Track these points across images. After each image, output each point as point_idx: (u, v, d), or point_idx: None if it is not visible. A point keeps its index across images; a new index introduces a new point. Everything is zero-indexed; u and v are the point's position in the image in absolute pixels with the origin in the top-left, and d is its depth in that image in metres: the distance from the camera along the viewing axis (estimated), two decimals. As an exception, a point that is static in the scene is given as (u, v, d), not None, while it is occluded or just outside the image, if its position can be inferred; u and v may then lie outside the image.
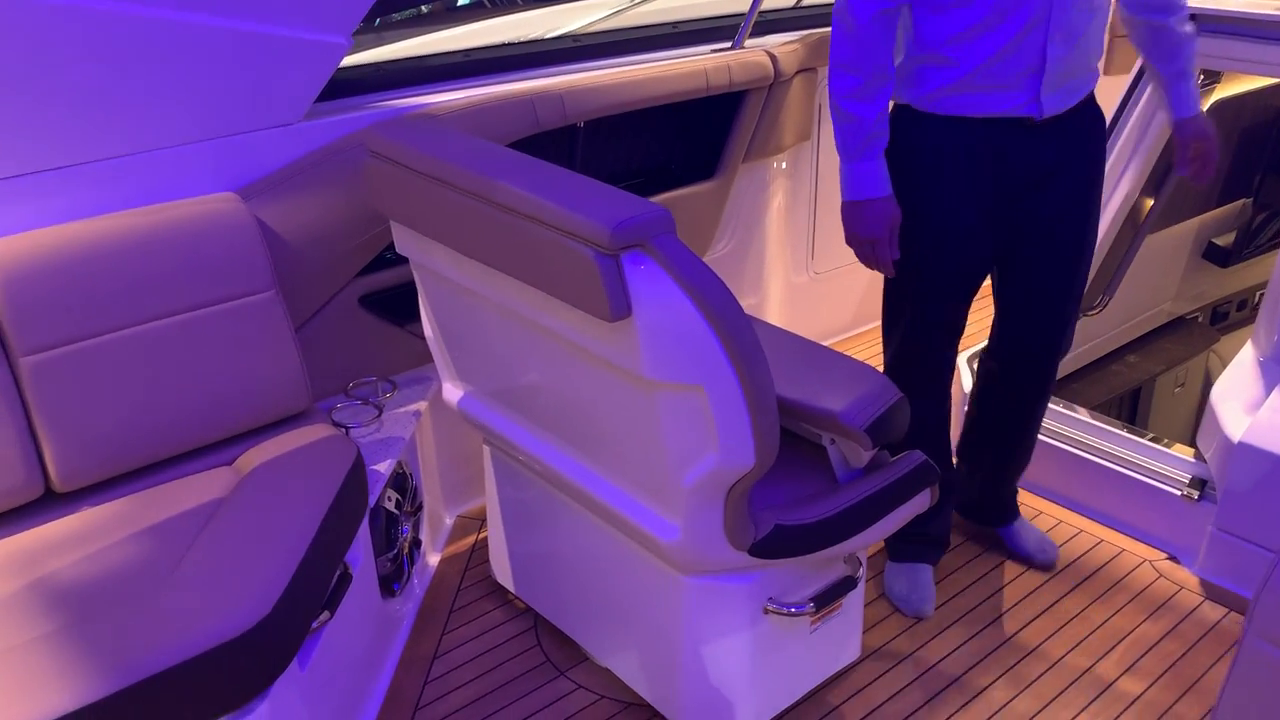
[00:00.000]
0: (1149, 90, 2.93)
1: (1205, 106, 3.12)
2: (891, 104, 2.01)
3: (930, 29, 1.89)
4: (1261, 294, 3.96)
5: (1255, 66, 2.93)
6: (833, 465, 1.84)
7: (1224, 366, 3.85)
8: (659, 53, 2.77)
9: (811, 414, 1.76)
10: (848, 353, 3.49)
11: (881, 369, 2.13)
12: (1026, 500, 2.67)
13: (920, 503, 1.87)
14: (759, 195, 3.08)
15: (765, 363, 1.55)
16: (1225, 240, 3.66)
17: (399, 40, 2.62)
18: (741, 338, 1.51)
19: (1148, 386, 3.54)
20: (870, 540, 1.84)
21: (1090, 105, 2.05)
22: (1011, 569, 2.42)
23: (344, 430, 2.14)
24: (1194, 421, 3.81)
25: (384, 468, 2.08)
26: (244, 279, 1.93)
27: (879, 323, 3.67)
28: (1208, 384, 3.79)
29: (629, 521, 1.77)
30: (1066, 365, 3.26)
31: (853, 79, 1.87)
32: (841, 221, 2.00)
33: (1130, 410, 3.55)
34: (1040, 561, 2.45)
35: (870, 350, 3.49)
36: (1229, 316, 3.89)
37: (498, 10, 3.29)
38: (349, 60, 2.35)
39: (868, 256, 2.00)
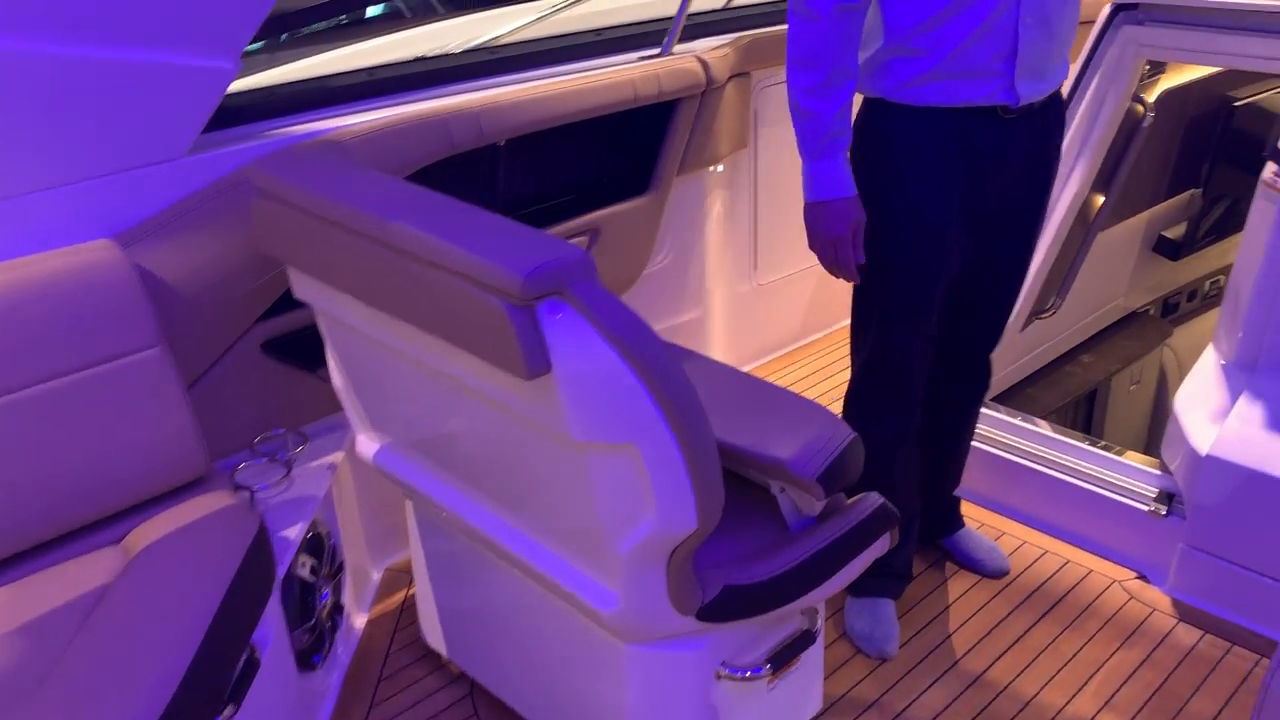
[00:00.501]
0: (1095, 82, 2.82)
1: (1151, 98, 3.02)
2: (861, 98, 1.92)
3: (899, 18, 1.80)
4: (1213, 282, 3.93)
5: (1199, 56, 2.84)
6: (784, 514, 1.69)
7: (1178, 360, 3.80)
8: (583, 63, 2.60)
9: (758, 462, 1.61)
10: (798, 363, 3.35)
11: (841, 378, 2.02)
12: (989, 520, 2.55)
13: (880, 547, 1.73)
14: (697, 207, 2.92)
15: (703, 416, 1.39)
16: (1175, 233, 3.58)
17: (298, 59, 2.42)
18: (675, 390, 1.35)
19: (1104, 386, 3.45)
20: (828, 593, 1.69)
21: (1057, 101, 1.97)
22: (976, 598, 2.29)
23: (249, 493, 1.95)
24: (1151, 419, 3.74)
25: (295, 532, 1.90)
26: (125, 335, 1.73)
27: (828, 331, 3.59)
28: (1163, 379, 3.72)
29: (564, 589, 1.60)
30: (1021, 370, 3.16)
31: (811, 75, 1.78)
32: (804, 223, 1.89)
33: (1087, 411, 3.46)
34: (991, 569, 2.36)
35: (821, 360, 3.35)
36: (1180, 308, 3.82)
37: (414, 20, 3.10)
38: (239, 85, 2.15)
39: (830, 259, 1.90)
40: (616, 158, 2.71)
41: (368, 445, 1.93)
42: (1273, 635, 2.15)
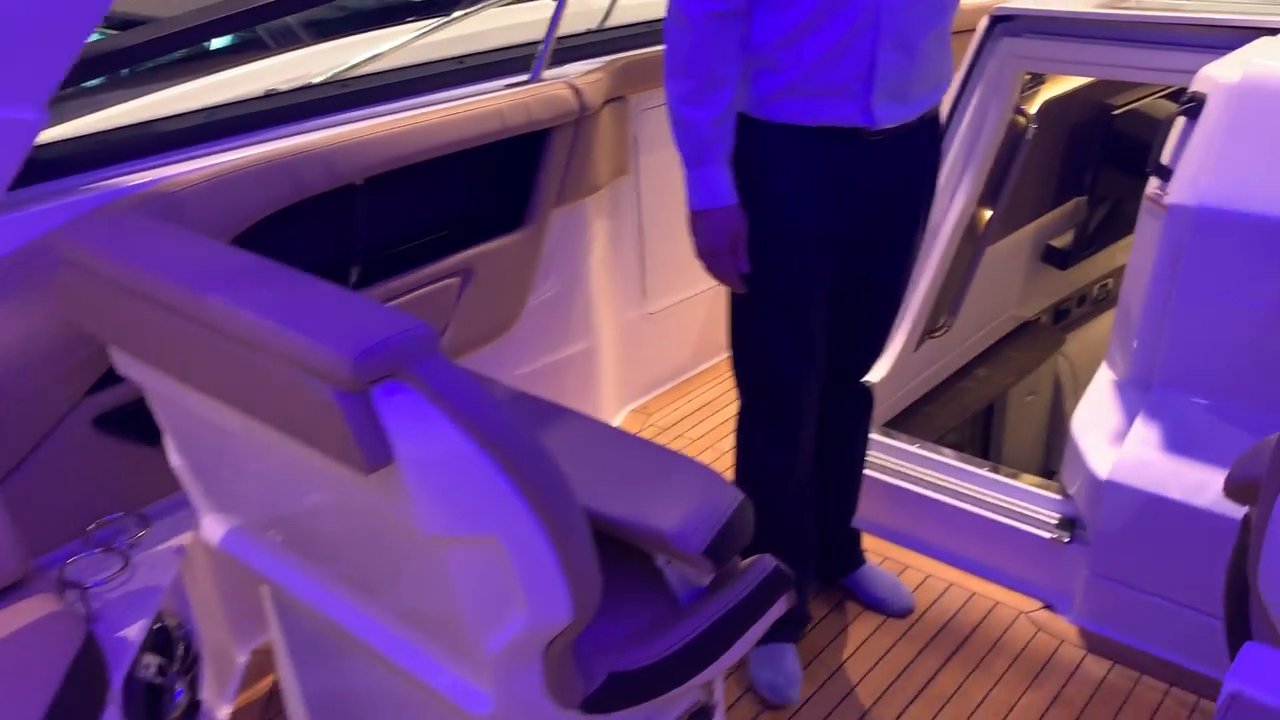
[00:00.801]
0: (976, 95, 2.77)
1: (1033, 109, 3.00)
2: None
3: (761, 30, 1.75)
4: (1102, 287, 3.95)
5: (1076, 67, 2.83)
6: (671, 586, 1.56)
7: (1072, 367, 3.80)
8: (447, 92, 2.44)
9: (640, 535, 1.48)
10: (693, 392, 3.24)
11: (729, 405, 1.94)
12: (891, 553, 2.46)
13: (777, 611, 1.61)
14: (579, 238, 2.79)
15: (572, 498, 1.25)
16: (1063, 241, 3.57)
17: (125, 101, 2.20)
18: (539, 473, 1.21)
19: (1000, 400, 3.42)
20: (723, 667, 1.57)
21: (931, 126, 1.92)
22: (881, 640, 2.20)
23: (79, 592, 1.75)
24: (1049, 429, 3.73)
25: (136, 630, 1.70)
26: None
27: (724, 357, 3.49)
28: (1059, 388, 3.71)
29: (430, 689, 1.45)
30: (917, 390, 3.10)
31: (685, 82, 1.77)
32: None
33: (986, 425, 3.42)
34: (895, 609, 2.29)
35: (717, 389, 3.24)
36: (1071, 314, 3.83)
37: (277, 50, 2.90)
38: (54, 133, 1.94)
39: (712, 269, 1.89)
40: (489, 192, 2.55)
41: (213, 529, 1.74)
42: (1180, 662, 2.10)
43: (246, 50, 2.99)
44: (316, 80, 2.43)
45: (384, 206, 2.34)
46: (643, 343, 3.11)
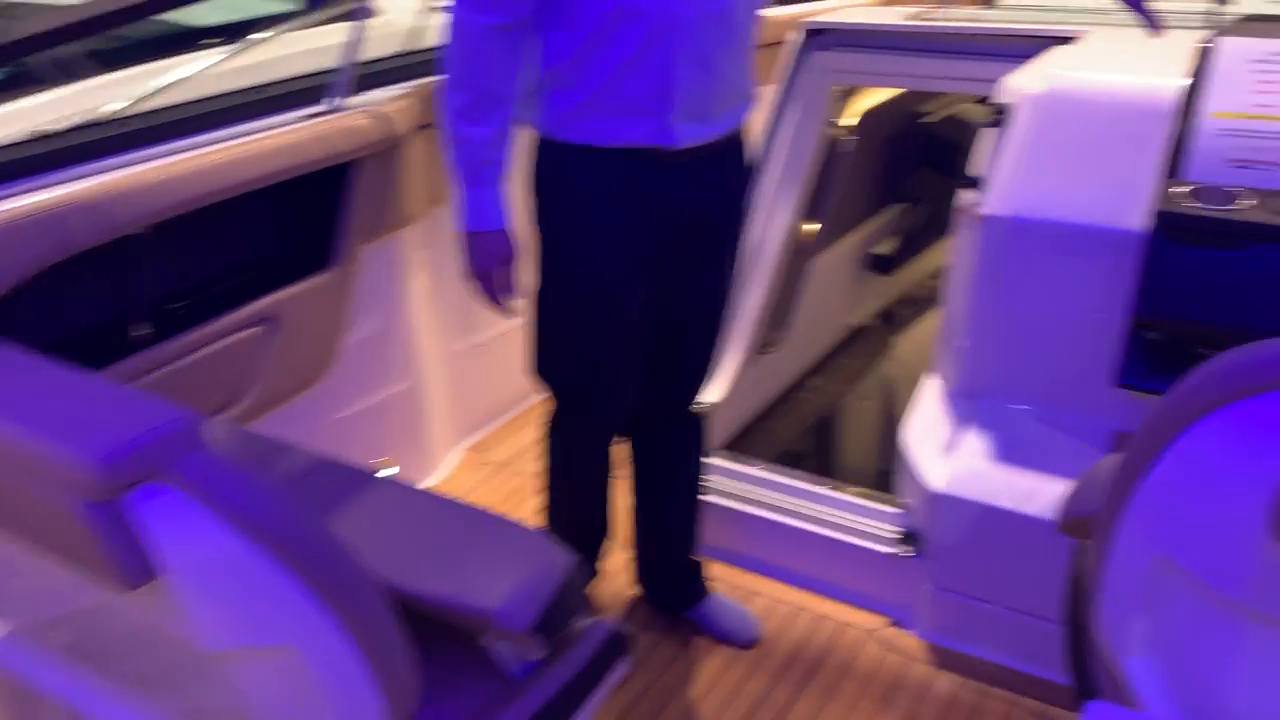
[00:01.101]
0: (793, 110, 2.77)
1: (850, 120, 3.02)
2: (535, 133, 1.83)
3: (552, 48, 1.71)
4: (928, 286, 4.03)
5: (888, 79, 2.86)
6: (502, 663, 1.45)
7: (903, 369, 3.87)
8: (241, 126, 2.26)
9: (461, 615, 1.36)
10: (532, 423, 3.13)
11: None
12: (739, 580, 2.41)
13: (617, 677, 1.53)
14: (394, 273, 2.64)
15: (374, 590, 1.13)
16: (887, 247, 3.63)
17: None
18: (332, 568, 1.09)
19: (837, 407, 3.44)
20: (565, 742, 1.47)
21: (737, 145, 1.88)
22: (732, 674, 2.14)
23: None
24: (884, 434, 3.78)
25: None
26: None
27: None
28: (890, 392, 3.76)
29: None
30: (755, 407, 3.08)
31: (462, 97, 1.72)
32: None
33: (826, 435, 3.43)
34: (743, 639, 2.23)
35: (552, 419, 3.14)
36: (898, 316, 3.90)
37: (37, 86, 2.65)
38: None
39: (478, 292, 1.86)
40: (293, 231, 2.38)
41: None
42: (1026, 670, 2.12)
43: (15, 86, 2.72)
44: (93, 118, 2.21)
45: (176, 254, 2.14)
46: (473, 375, 2.99)
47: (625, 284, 1.85)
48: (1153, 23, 1.82)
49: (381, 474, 1.61)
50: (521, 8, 1.67)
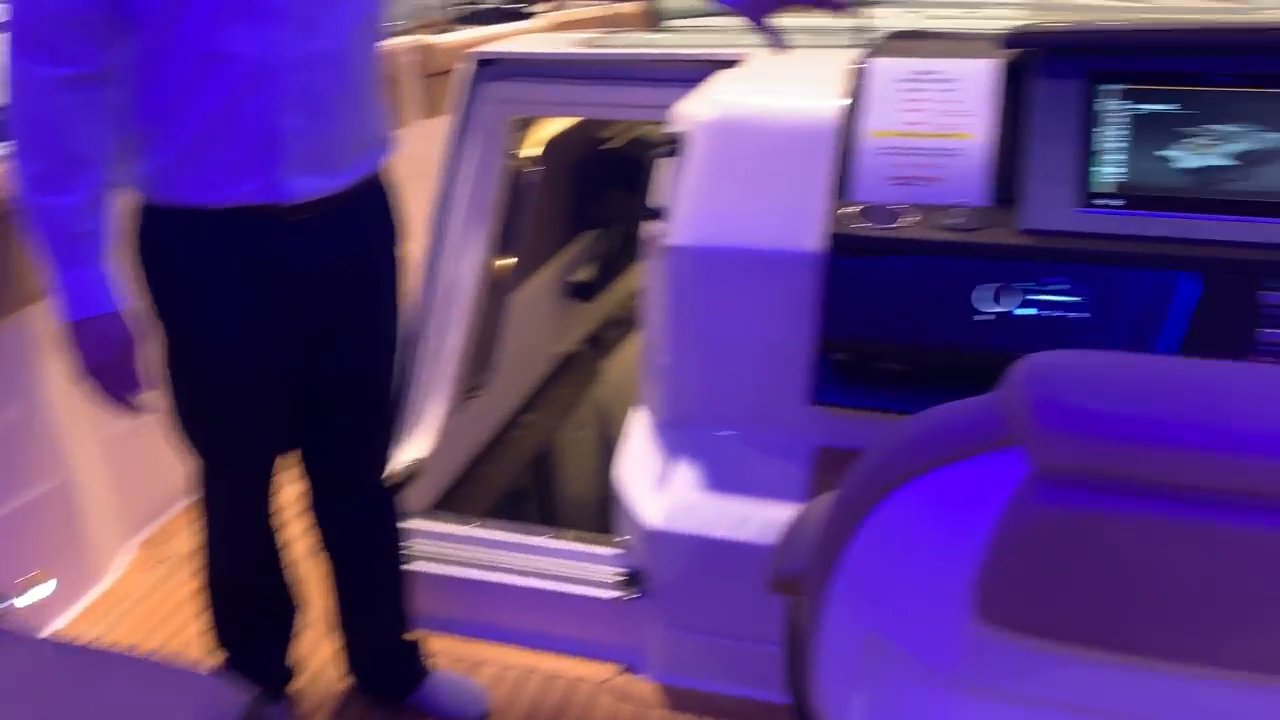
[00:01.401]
0: (471, 143, 2.65)
1: (533, 150, 2.94)
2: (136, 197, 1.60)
3: (140, 95, 1.53)
4: (632, 306, 4.03)
5: (563, 108, 2.81)
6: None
7: (614, 391, 3.85)
8: None
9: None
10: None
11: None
12: (462, 650, 2.25)
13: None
14: (28, 355, 2.29)
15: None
16: (586, 274, 3.59)
17: None
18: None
19: (553, 442, 3.36)
20: None
21: (376, 193, 1.73)
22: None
23: None
24: (602, 463, 3.74)
25: None
26: None
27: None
28: (605, 417, 3.73)
29: None
30: (468, 454, 2.94)
31: (30, 165, 1.49)
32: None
33: (544, 473, 3.34)
34: (471, 717, 2.08)
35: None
36: (605, 340, 3.88)
37: None
38: None
39: (100, 390, 1.61)
40: None
41: None
42: (763, 698, 2.10)
43: None
44: None
45: None
46: (138, 461, 2.64)
47: (249, 357, 1.66)
48: (778, 41, 1.74)
49: (29, 594, 1.34)
50: (93, 56, 1.45)
